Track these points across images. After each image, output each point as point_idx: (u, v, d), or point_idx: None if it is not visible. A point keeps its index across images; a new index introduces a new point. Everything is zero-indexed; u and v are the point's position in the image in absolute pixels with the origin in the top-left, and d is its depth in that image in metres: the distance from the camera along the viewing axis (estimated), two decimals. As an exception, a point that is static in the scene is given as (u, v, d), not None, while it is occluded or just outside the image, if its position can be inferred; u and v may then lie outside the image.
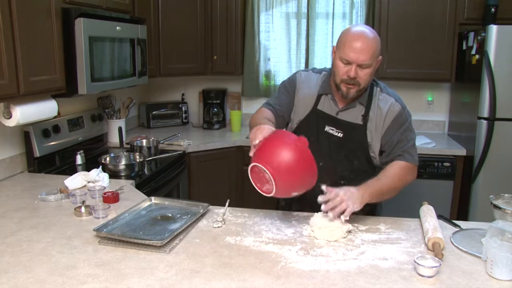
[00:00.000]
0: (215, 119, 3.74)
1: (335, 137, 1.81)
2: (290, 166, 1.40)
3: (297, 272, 1.31)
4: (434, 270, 1.28)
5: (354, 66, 1.66)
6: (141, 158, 2.58)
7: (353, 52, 1.64)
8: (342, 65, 1.69)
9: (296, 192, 1.48)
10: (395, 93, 1.84)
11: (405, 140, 1.77)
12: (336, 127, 1.81)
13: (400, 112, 1.78)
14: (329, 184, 1.80)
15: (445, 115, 3.66)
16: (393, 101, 1.79)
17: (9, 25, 1.83)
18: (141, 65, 2.81)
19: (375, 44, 1.67)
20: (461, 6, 3.16)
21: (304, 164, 1.43)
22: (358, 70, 1.66)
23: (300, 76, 1.92)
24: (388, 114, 1.77)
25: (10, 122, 2.07)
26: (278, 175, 1.39)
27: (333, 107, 1.82)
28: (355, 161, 1.81)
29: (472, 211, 2.99)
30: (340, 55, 1.68)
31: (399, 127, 1.77)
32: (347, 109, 1.80)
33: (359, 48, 1.64)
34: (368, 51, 1.64)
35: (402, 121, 1.78)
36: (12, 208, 1.82)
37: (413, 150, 1.78)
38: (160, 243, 1.42)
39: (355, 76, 1.66)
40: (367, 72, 1.68)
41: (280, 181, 1.39)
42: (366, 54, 1.64)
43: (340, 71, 1.70)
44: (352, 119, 1.80)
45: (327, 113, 1.83)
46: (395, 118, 1.77)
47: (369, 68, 1.67)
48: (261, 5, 3.60)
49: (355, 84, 1.69)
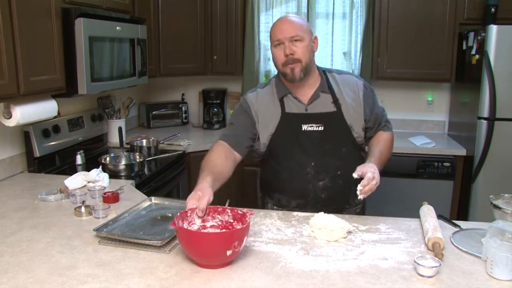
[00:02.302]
0: (215, 119, 3.74)
1: (316, 132, 1.81)
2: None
3: (297, 272, 1.30)
4: (434, 270, 1.28)
5: (286, 43, 1.72)
6: (141, 158, 2.58)
7: (280, 31, 1.73)
8: (277, 50, 1.75)
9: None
10: (349, 72, 1.99)
11: (381, 111, 1.93)
12: (314, 122, 1.81)
13: (365, 85, 1.88)
14: (327, 179, 1.82)
15: (445, 115, 3.66)
16: (355, 79, 1.90)
17: (9, 25, 1.83)
18: (141, 65, 2.81)
19: (299, 21, 1.77)
20: (461, 6, 3.16)
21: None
22: (291, 46, 1.72)
23: (248, 97, 1.90)
24: (359, 91, 1.85)
25: (10, 122, 2.07)
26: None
27: (299, 105, 1.83)
28: (343, 148, 1.83)
29: (472, 211, 2.99)
30: (272, 42, 1.77)
31: (372, 99, 1.88)
32: (313, 101, 1.82)
33: (285, 26, 1.74)
34: (295, 26, 1.73)
35: (371, 94, 1.89)
36: (12, 208, 1.82)
37: (388, 119, 1.96)
38: (160, 243, 1.42)
39: (290, 52, 1.71)
40: (303, 45, 1.73)
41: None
42: (293, 29, 1.72)
43: (277, 55, 1.76)
44: (324, 109, 1.82)
45: (297, 113, 1.82)
46: (365, 93, 1.85)
47: (303, 42, 1.73)
48: (261, 5, 3.60)
49: (296, 61, 1.73)
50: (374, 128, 1.90)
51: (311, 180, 1.83)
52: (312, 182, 1.83)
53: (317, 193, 1.83)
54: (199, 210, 1.42)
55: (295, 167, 1.83)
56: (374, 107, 1.89)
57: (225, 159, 1.74)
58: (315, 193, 1.84)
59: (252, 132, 1.86)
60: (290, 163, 1.83)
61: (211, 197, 1.46)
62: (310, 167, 1.82)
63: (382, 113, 1.93)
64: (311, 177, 1.82)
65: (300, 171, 1.82)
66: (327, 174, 1.82)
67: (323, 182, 1.83)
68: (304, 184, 1.83)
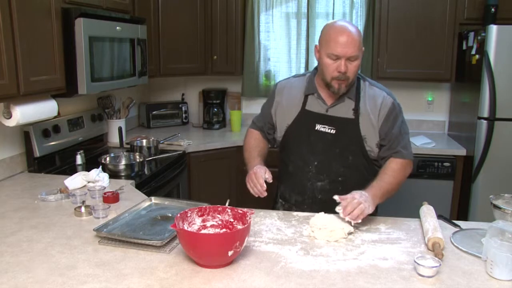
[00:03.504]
0: (215, 119, 3.74)
1: (328, 134, 1.81)
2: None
3: (297, 272, 1.31)
4: (434, 270, 1.28)
5: (343, 61, 1.68)
6: (141, 158, 2.58)
7: (341, 46, 1.66)
8: (331, 62, 1.70)
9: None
10: (384, 87, 1.87)
11: (401, 134, 1.81)
12: (328, 124, 1.81)
13: (393, 105, 1.81)
14: (327, 182, 1.82)
15: (445, 115, 3.66)
16: (385, 94, 1.82)
17: (9, 25, 1.83)
18: (141, 65, 2.81)
19: (358, 36, 1.70)
20: (461, 6, 3.16)
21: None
22: (348, 64, 1.69)
23: (280, 86, 1.98)
24: (382, 107, 1.79)
25: (10, 122, 2.07)
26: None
27: (321, 105, 1.83)
28: (350, 156, 1.82)
29: (472, 211, 2.99)
30: (328, 52, 1.70)
31: (395, 119, 1.80)
32: (336, 104, 1.82)
33: (346, 42, 1.66)
34: (355, 43, 1.67)
35: (396, 114, 1.81)
36: (12, 208, 1.82)
37: (409, 144, 1.84)
38: (160, 243, 1.42)
39: (345, 70, 1.69)
40: (356, 64, 1.71)
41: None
42: (353, 47, 1.67)
43: (330, 68, 1.71)
44: (343, 114, 1.81)
45: (316, 112, 1.83)
46: (389, 111, 1.79)
47: (357, 60, 1.70)
48: (261, 5, 3.60)
49: (345, 79, 1.72)
50: (389, 148, 1.80)
51: (310, 179, 1.85)
52: (312, 181, 1.84)
53: (315, 193, 1.85)
54: (270, 178, 1.73)
55: (299, 163, 1.87)
56: (394, 128, 1.79)
57: (260, 141, 2.03)
58: (312, 192, 1.86)
59: (270, 123, 1.99)
60: (296, 157, 1.88)
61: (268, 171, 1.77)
62: (312, 166, 1.83)
63: (398, 137, 1.80)
64: (311, 175, 1.84)
65: (303, 167, 1.85)
66: (328, 176, 1.83)
67: (322, 184, 1.84)
68: (304, 181, 1.86)
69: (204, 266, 1.32)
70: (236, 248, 1.30)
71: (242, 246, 1.33)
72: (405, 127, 1.85)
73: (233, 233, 1.38)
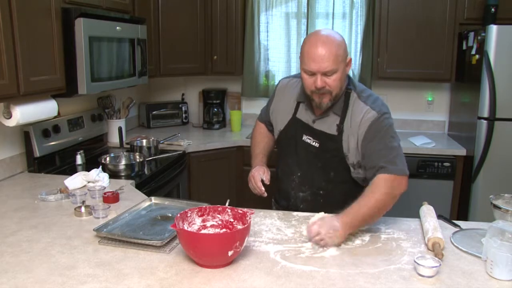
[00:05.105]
0: (215, 119, 3.74)
1: (312, 146, 1.77)
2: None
3: (297, 272, 1.31)
4: (434, 270, 1.28)
5: (319, 76, 1.59)
6: (141, 158, 2.58)
7: (314, 62, 1.57)
8: (307, 77, 1.63)
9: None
10: (374, 97, 1.71)
11: (385, 148, 1.61)
12: (313, 137, 1.77)
13: (375, 119, 1.63)
14: (308, 193, 1.81)
15: (445, 115, 3.66)
16: (367, 108, 1.66)
17: (9, 25, 1.83)
18: (141, 65, 2.81)
19: (335, 48, 1.57)
20: (461, 6, 3.16)
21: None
22: (325, 79, 1.59)
23: (282, 84, 1.95)
24: (362, 124, 1.65)
25: (10, 122, 2.07)
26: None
27: (309, 115, 1.78)
28: (332, 171, 1.76)
29: (472, 211, 2.99)
30: (303, 67, 1.63)
31: (374, 135, 1.63)
32: (322, 117, 1.75)
33: (319, 57, 1.56)
34: (329, 57, 1.56)
35: (377, 129, 1.63)
36: (12, 208, 1.82)
37: (398, 159, 1.61)
38: (160, 243, 1.42)
39: (322, 85, 1.60)
40: (335, 78, 1.60)
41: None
42: (327, 61, 1.56)
43: (307, 82, 1.64)
44: (327, 128, 1.73)
45: (304, 121, 1.80)
46: (369, 127, 1.64)
47: (336, 74, 1.59)
48: (261, 5, 3.60)
49: (326, 93, 1.63)
50: (369, 167, 1.64)
51: (294, 188, 1.86)
52: (295, 190, 1.86)
53: (297, 202, 1.86)
54: (267, 180, 1.84)
55: (286, 170, 1.87)
56: (376, 143, 1.62)
57: (265, 135, 2.06)
58: (295, 201, 1.87)
59: (269, 120, 2.00)
60: (283, 164, 1.89)
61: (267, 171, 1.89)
62: (296, 176, 1.84)
63: (382, 151, 1.61)
64: (295, 185, 1.85)
65: (288, 175, 1.86)
66: (310, 188, 1.82)
67: (304, 194, 1.84)
68: (289, 189, 1.88)
69: (204, 266, 1.32)
70: (236, 248, 1.30)
71: (242, 246, 1.33)
72: (391, 141, 1.63)
73: (233, 233, 1.38)
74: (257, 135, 2.08)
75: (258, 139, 2.07)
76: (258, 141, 2.06)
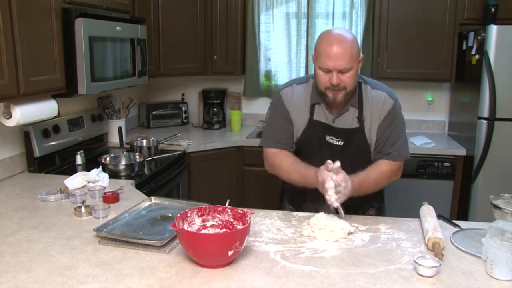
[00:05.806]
0: (215, 119, 3.74)
1: (336, 146, 1.80)
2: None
3: (297, 272, 1.30)
4: (434, 270, 1.28)
5: (335, 73, 1.64)
6: (141, 158, 2.58)
7: (330, 59, 1.63)
8: (323, 74, 1.68)
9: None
10: (385, 86, 1.83)
11: (396, 136, 1.77)
12: (336, 136, 1.79)
13: (393, 106, 1.78)
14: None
15: (445, 115, 3.66)
16: (386, 95, 1.79)
17: (9, 25, 1.83)
18: (141, 65, 2.81)
19: (350, 46, 1.64)
20: (461, 6, 3.16)
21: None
22: (340, 76, 1.65)
23: (285, 94, 1.86)
24: (383, 109, 1.77)
25: (10, 122, 2.07)
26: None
27: (328, 115, 1.80)
28: (358, 164, 1.77)
29: (472, 211, 2.99)
30: (319, 65, 1.67)
31: (390, 123, 1.77)
32: (341, 114, 1.78)
33: (336, 55, 1.62)
34: (345, 55, 1.62)
35: (394, 115, 1.78)
36: (12, 208, 1.82)
37: (403, 146, 1.79)
38: (160, 243, 1.42)
39: (338, 82, 1.65)
40: (350, 75, 1.66)
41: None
42: (343, 59, 1.62)
43: (323, 79, 1.69)
44: (348, 124, 1.78)
45: (324, 122, 1.81)
46: (388, 113, 1.77)
47: (351, 71, 1.66)
48: (261, 5, 3.60)
49: (341, 89, 1.68)
50: (379, 150, 1.78)
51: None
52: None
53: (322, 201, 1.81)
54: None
55: None
56: (389, 130, 1.76)
57: (294, 159, 1.81)
58: (324, 201, 1.79)
59: (291, 131, 1.86)
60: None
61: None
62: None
63: (391, 139, 1.77)
64: None
65: None
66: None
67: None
68: (317, 191, 1.75)
69: (204, 266, 1.32)
70: (236, 248, 1.30)
71: (242, 246, 1.33)
72: (401, 128, 1.80)
73: (233, 233, 1.38)
74: (288, 159, 1.82)
75: (293, 159, 1.82)
76: (294, 160, 1.81)
